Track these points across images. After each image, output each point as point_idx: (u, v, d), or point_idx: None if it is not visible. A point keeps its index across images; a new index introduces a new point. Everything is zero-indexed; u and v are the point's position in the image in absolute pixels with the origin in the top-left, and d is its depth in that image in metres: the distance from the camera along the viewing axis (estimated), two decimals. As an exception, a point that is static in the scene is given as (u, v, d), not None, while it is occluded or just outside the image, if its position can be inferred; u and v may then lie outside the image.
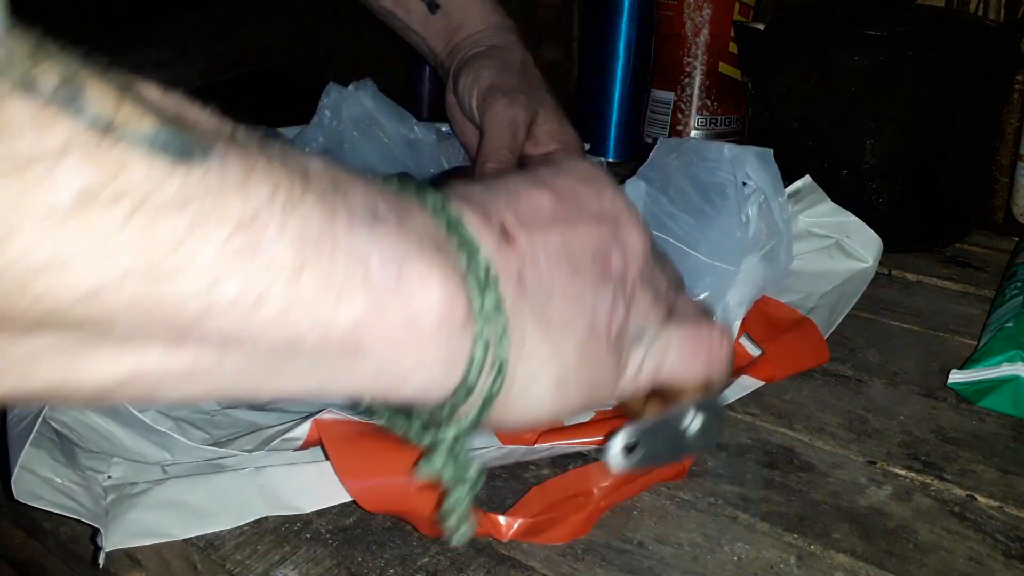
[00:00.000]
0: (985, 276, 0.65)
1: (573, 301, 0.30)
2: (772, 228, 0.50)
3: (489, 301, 0.27)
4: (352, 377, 0.26)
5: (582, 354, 0.30)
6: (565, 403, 0.31)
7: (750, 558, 0.39)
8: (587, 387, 0.31)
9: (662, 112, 0.83)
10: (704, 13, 0.78)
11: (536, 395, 0.30)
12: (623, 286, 0.32)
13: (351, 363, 0.25)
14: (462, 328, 0.26)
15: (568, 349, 0.30)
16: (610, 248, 0.32)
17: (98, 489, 0.40)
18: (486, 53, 0.64)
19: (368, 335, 0.24)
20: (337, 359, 0.25)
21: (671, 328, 0.35)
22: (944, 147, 0.65)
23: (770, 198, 0.50)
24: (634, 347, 0.33)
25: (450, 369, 0.27)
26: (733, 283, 0.47)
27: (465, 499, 0.30)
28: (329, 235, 0.23)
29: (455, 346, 0.27)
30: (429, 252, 0.26)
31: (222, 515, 0.39)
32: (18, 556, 0.51)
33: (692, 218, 0.49)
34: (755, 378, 0.50)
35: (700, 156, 0.51)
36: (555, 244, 0.30)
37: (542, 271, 0.29)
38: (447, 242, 0.27)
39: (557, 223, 0.31)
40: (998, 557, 0.39)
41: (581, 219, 0.32)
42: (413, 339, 0.25)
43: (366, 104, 0.75)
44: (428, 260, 0.25)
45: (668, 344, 0.34)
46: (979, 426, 0.48)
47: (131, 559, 0.41)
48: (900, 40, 0.63)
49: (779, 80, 0.68)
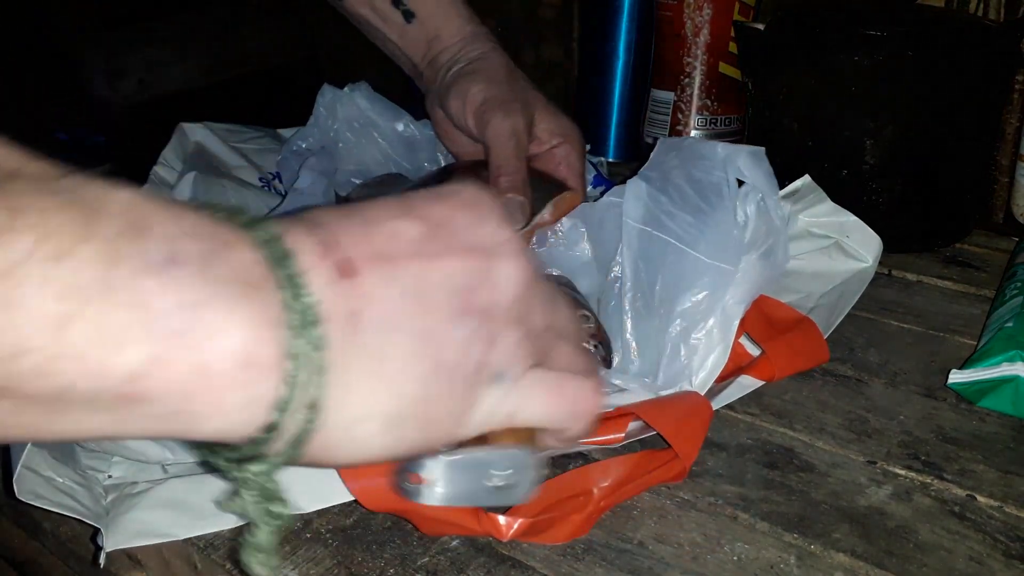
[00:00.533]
0: (985, 276, 0.65)
1: (420, 338, 0.29)
2: (769, 227, 0.50)
3: (305, 342, 0.26)
4: (141, 422, 0.25)
5: (423, 394, 0.29)
6: (398, 442, 0.30)
7: (750, 558, 0.39)
8: (423, 427, 0.30)
9: (662, 112, 0.83)
10: (704, 13, 0.78)
11: (364, 433, 0.29)
12: (487, 323, 0.31)
13: (137, 409, 0.25)
14: (267, 370, 0.26)
15: (407, 389, 0.29)
16: (477, 282, 0.31)
17: (98, 489, 0.40)
18: (469, 69, 0.64)
19: (151, 382, 0.24)
20: (119, 406, 0.24)
21: (537, 373, 0.33)
22: (944, 147, 0.65)
23: (765, 196, 0.50)
24: (491, 387, 0.32)
25: (252, 411, 0.26)
26: (732, 282, 0.47)
27: (267, 542, 0.29)
28: (103, 285, 0.23)
29: (257, 389, 0.26)
30: (233, 295, 0.25)
31: (222, 515, 0.39)
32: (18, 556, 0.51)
33: (691, 217, 0.49)
34: (755, 378, 0.50)
35: (697, 155, 0.51)
36: (408, 279, 0.29)
37: (388, 307, 0.28)
38: (267, 279, 0.26)
39: (417, 257, 0.30)
40: (998, 557, 0.39)
41: (448, 252, 0.30)
42: (204, 385, 0.25)
43: (361, 104, 0.75)
44: (229, 304, 0.25)
45: (530, 389, 0.33)
46: (979, 426, 0.48)
47: (131, 559, 0.41)
48: (900, 40, 0.63)
49: (779, 80, 0.68)
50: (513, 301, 0.32)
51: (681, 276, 0.48)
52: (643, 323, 0.50)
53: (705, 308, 0.47)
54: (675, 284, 0.48)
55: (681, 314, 0.47)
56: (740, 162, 0.50)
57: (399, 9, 0.67)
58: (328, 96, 0.76)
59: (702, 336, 0.47)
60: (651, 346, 0.49)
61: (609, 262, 0.53)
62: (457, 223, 0.31)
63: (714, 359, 0.47)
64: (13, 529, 0.49)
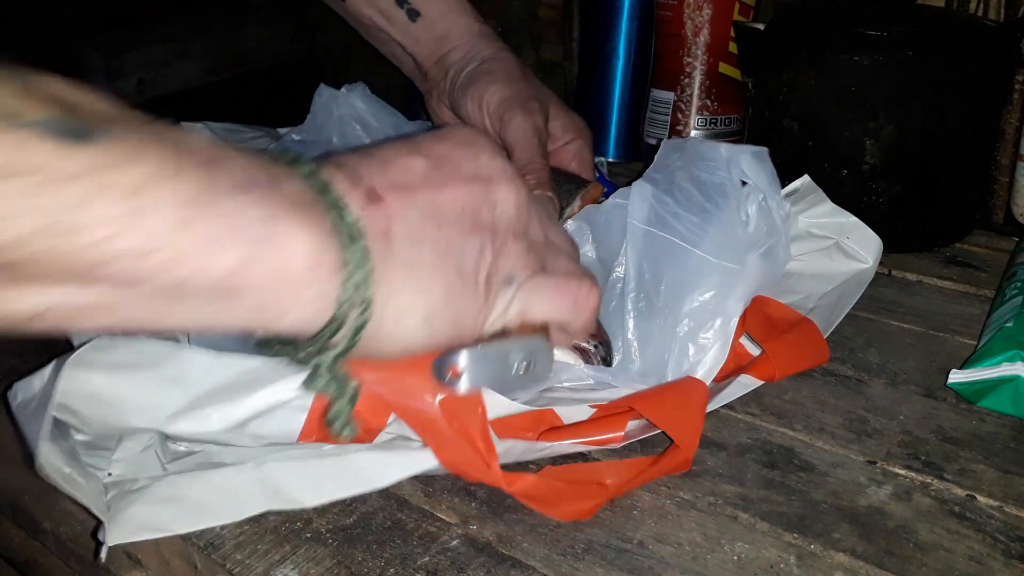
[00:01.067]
0: (985, 276, 0.65)
1: (441, 250, 0.35)
2: (771, 227, 0.50)
3: (355, 251, 0.32)
4: (234, 314, 0.31)
5: (449, 294, 0.35)
6: (433, 335, 0.36)
7: (750, 558, 0.39)
8: (453, 322, 0.36)
9: (662, 112, 0.83)
10: (704, 13, 0.78)
11: (406, 328, 0.35)
12: (493, 237, 0.37)
13: (232, 302, 0.30)
14: (330, 274, 0.31)
15: (435, 290, 0.35)
16: (480, 204, 0.37)
17: (99, 487, 0.40)
18: (484, 69, 0.65)
19: (244, 279, 0.29)
20: (219, 298, 0.30)
21: (541, 276, 0.39)
22: (944, 147, 0.65)
23: (768, 196, 0.50)
24: (503, 289, 0.38)
25: (320, 307, 0.32)
26: (737, 281, 0.47)
27: (346, 408, 0.36)
28: (206, 199, 0.28)
29: (323, 288, 0.32)
30: (299, 210, 0.31)
31: (222, 510, 0.39)
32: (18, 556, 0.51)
33: (696, 216, 0.49)
34: (755, 377, 0.50)
35: (700, 156, 0.52)
36: (422, 203, 0.35)
37: (411, 225, 0.34)
38: (317, 203, 0.32)
39: (427, 185, 0.36)
40: (998, 557, 0.39)
41: (452, 181, 0.36)
42: (284, 282, 0.30)
43: (356, 105, 0.76)
44: (298, 218, 0.30)
45: (536, 289, 0.39)
46: (979, 426, 0.48)
47: (131, 558, 0.41)
48: (900, 40, 0.63)
49: (779, 80, 0.68)
50: (513, 218, 0.38)
51: (687, 276, 0.48)
52: (645, 323, 0.50)
53: (712, 308, 0.47)
54: (681, 284, 0.48)
55: (689, 314, 0.48)
56: (743, 162, 0.50)
57: (403, 8, 0.67)
58: (324, 96, 0.76)
59: (711, 335, 0.47)
60: (653, 346, 0.49)
61: (613, 263, 0.53)
62: (457, 157, 0.37)
63: (713, 357, 0.47)
64: (13, 529, 0.49)
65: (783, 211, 0.51)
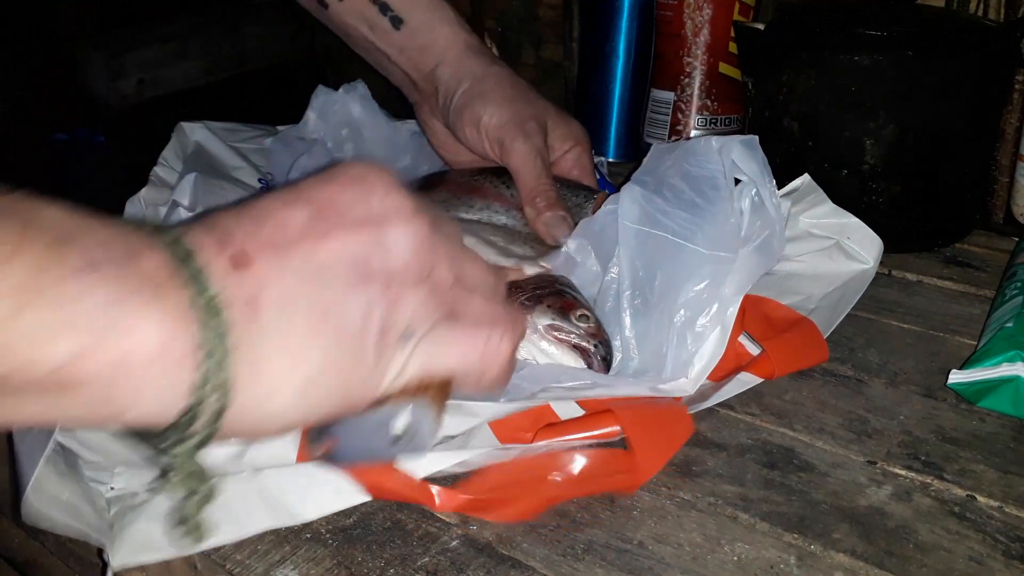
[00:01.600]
0: (985, 276, 0.65)
1: (319, 312, 0.31)
2: (764, 218, 0.50)
3: (213, 328, 0.29)
4: (71, 409, 0.28)
5: (329, 361, 0.32)
6: (313, 408, 0.33)
7: (750, 558, 0.39)
8: (338, 390, 0.33)
9: (662, 112, 0.83)
10: (704, 13, 0.78)
11: (277, 404, 0.31)
12: (385, 288, 0.33)
13: (66, 396, 0.27)
14: (182, 358, 0.29)
15: (312, 358, 0.31)
16: (370, 252, 0.33)
17: (101, 502, 0.40)
18: (477, 91, 0.63)
19: (79, 371, 0.27)
20: (50, 393, 0.27)
21: (446, 325, 0.36)
22: (944, 147, 0.65)
23: (760, 186, 0.50)
24: (401, 345, 0.34)
25: (173, 395, 0.29)
26: (731, 271, 0.48)
27: (194, 511, 0.32)
28: (45, 283, 0.26)
29: (175, 376, 0.29)
30: (147, 294, 0.28)
31: (224, 527, 0.39)
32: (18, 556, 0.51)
33: (686, 212, 0.50)
34: (754, 375, 0.50)
35: (690, 154, 0.52)
36: (298, 261, 0.32)
37: (284, 289, 0.31)
38: (176, 276, 0.29)
39: (306, 239, 0.32)
40: (998, 557, 0.39)
41: (335, 230, 0.33)
42: (128, 373, 0.28)
43: (353, 106, 0.76)
44: (144, 302, 0.28)
45: (439, 341, 0.35)
46: (979, 426, 0.48)
47: (131, 559, 0.41)
48: (900, 40, 0.63)
49: (779, 80, 0.68)
50: (411, 262, 0.34)
51: (680, 269, 0.48)
52: (642, 320, 0.50)
53: (708, 297, 0.48)
54: (675, 277, 0.48)
55: (684, 304, 0.48)
56: (734, 153, 0.50)
57: (386, 16, 0.65)
58: (321, 97, 0.76)
59: (707, 322, 0.47)
60: (650, 343, 0.49)
61: (607, 264, 0.53)
62: (344, 200, 0.34)
63: (711, 349, 0.47)
64: (13, 529, 0.49)
65: (775, 199, 0.51)
